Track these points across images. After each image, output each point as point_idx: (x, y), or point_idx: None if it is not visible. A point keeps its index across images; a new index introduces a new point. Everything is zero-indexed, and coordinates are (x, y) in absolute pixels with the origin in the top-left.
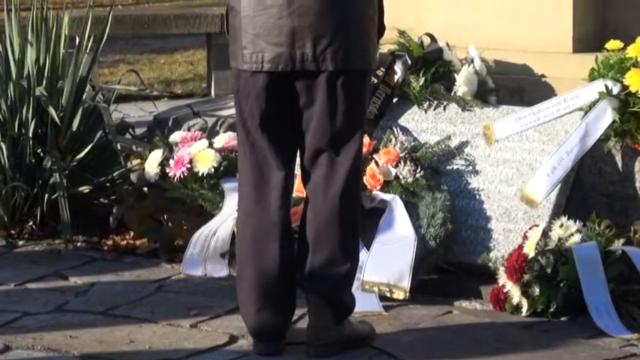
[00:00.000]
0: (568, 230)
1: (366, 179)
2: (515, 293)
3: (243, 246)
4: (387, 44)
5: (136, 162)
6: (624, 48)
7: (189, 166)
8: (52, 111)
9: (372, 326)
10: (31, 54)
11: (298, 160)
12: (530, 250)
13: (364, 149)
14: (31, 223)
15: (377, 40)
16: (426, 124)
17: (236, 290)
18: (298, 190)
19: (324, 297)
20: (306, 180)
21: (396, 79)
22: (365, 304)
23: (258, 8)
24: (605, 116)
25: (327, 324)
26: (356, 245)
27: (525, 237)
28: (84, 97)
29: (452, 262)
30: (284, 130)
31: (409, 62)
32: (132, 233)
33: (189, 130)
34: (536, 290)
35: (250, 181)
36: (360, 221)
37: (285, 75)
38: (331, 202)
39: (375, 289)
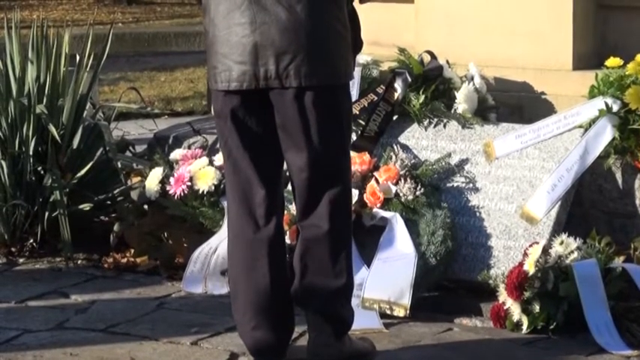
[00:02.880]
0: (568, 247)
1: (366, 197)
2: (515, 310)
3: (234, 264)
4: (387, 62)
5: (136, 180)
6: (624, 65)
7: (189, 183)
8: (52, 129)
9: (373, 343)
10: (31, 72)
11: None
12: (530, 268)
13: (364, 167)
14: (31, 240)
15: (352, 56)
16: (426, 142)
17: None
18: None
19: (320, 314)
20: (295, 199)
21: (396, 97)
22: (365, 321)
23: (224, 28)
24: (605, 133)
25: (326, 340)
26: (347, 261)
27: (525, 254)
28: (84, 114)
29: (452, 279)
30: (266, 148)
31: (409, 80)
32: (132, 251)
33: (189, 147)
34: (537, 307)
35: (236, 199)
36: (351, 236)
37: (255, 94)
38: (317, 221)
39: (376, 306)
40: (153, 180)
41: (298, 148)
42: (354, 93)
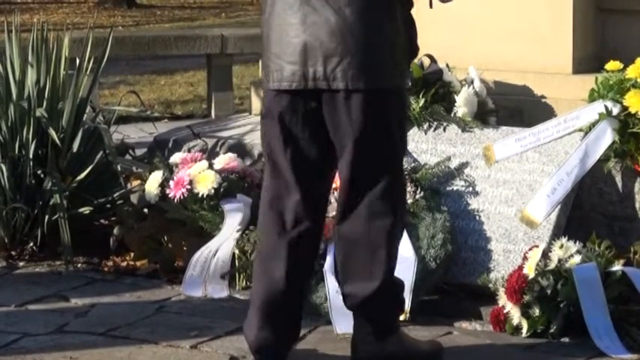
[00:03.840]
0: (568, 251)
1: None
2: (515, 314)
3: (256, 263)
4: None
5: (136, 183)
6: (624, 69)
7: (189, 187)
8: (52, 132)
9: (439, 346)
10: (31, 75)
11: None
12: (530, 271)
13: None
14: (31, 244)
15: (407, 61)
16: (425, 145)
17: (236, 311)
18: None
19: (359, 314)
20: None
21: None
22: None
23: (277, 28)
24: (605, 137)
25: (366, 338)
26: (385, 263)
27: (525, 258)
28: (84, 118)
29: (452, 283)
30: (307, 153)
31: (409, 83)
32: (132, 254)
33: (189, 151)
34: (537, 311)
35: (268, 199)
36: (391, 240)
37: (304, 95)
38: (353, 225)
39: None
40: (153, 183)
41: (345, 150)
42: None
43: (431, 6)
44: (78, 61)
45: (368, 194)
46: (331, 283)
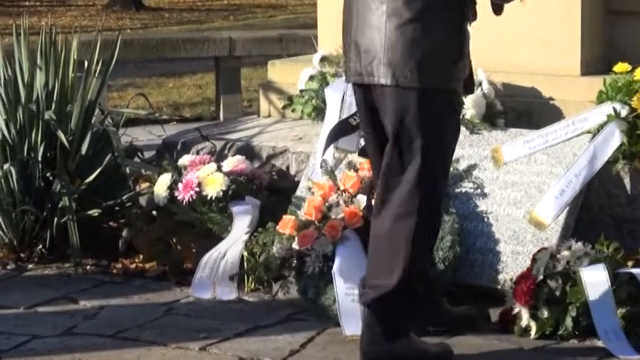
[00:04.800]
0: (576, 253)
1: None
2: (523, 316)
3: None
4: None
5: (144, 185)
6: (632, 70)
7: (197, 189)
8: (61, 135)
9: (448, 348)
10: (40, 78)
11: None
12: (538, 273)
13: (370, 173)
14: (40, 246)
15: (450, 65)
16: None
17: (245, 313)
18: (307, 213)
19: (370, 310)
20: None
21: None
22: None
23: (344, 22)
24: (614, 139)
25: (374, 338)
26: (404, 267)
27: (534, 259)
28: (93, 120)
29: (460, 284)
30: (375, 142)
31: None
32: (141, 256)
33: (197, 153)
34: (545, 312)
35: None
36: (409, 239)
37: (362, 88)
38: (381, 221)
39: None
40: (161, 186)
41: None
42: None
43: (498, 13)
44: (86, 63)
45: (398, 192)
46: (340, 285)
